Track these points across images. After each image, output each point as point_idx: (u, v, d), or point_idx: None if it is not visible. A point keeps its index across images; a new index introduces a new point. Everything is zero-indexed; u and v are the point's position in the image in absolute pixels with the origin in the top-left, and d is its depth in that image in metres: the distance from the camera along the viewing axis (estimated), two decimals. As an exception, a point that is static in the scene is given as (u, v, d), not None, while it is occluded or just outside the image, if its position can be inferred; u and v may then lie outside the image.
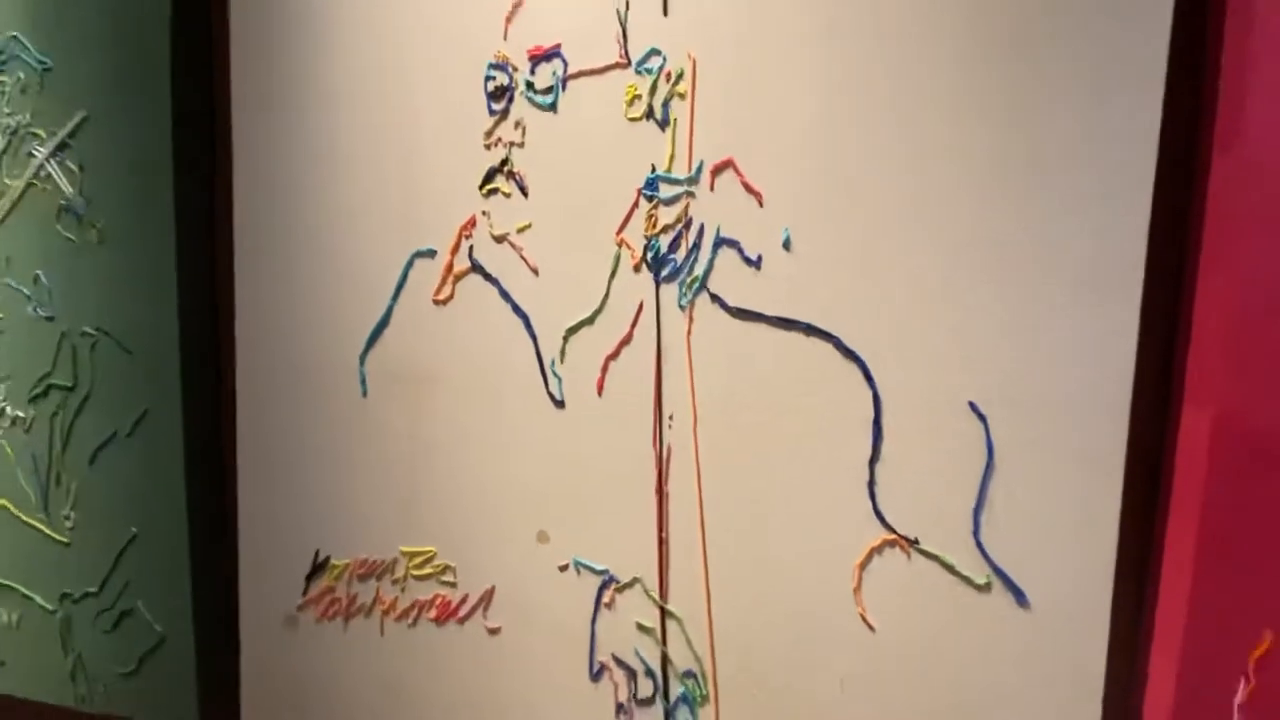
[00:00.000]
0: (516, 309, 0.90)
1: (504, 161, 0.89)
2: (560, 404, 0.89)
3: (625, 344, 0.87)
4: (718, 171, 0.82)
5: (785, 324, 0.82)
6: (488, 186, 0.90)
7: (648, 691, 0.90)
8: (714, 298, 0.84)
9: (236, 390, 1.01)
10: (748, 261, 0.82)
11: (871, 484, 0.81)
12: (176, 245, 1.00)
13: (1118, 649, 0.77)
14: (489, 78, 0.88)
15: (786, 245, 0.81)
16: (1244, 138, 0.70)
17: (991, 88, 0.74)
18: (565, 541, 0.91)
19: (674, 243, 0.84)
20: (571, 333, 0.88)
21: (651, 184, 0.84)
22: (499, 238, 0.90)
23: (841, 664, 0.83)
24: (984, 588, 0.79)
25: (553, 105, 0.86)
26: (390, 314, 0.94)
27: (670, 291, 0.85)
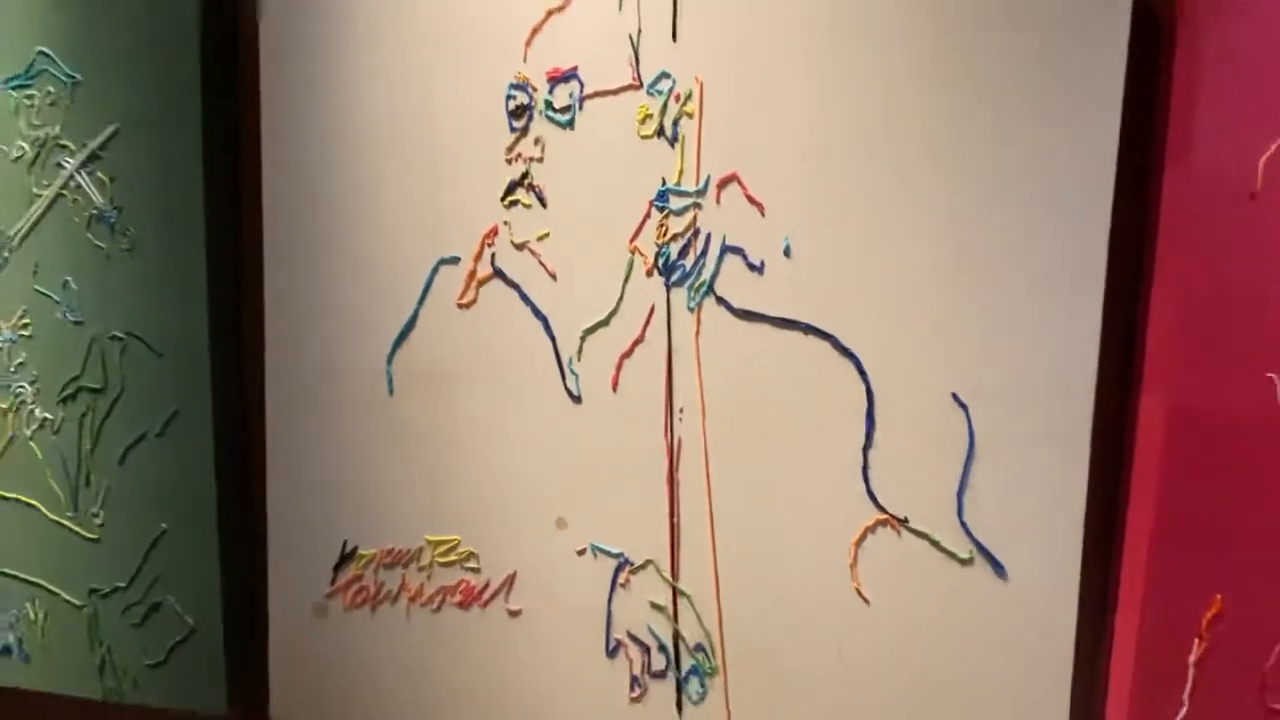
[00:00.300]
0: (536, 312, 0.96)
1: (524, 175, 0.95)
2: (578, 399, 0.95)
3: (638, 344, 0.93)
4: (723, 185, 0.89)
5: (786, 324, 0.89)
6: (509, 198, 0.96)
7: (660, 665, 0.96)
8: (720, 300, 0.91)
9: (266, 390, 1.04)
10: (751, 267, 0.89)
11: (865, 469, 0.88)
12: (206, 252, 1.05)
13: (1086, 614, 0.85)
14: (510, 97, 0.94)
15: (787, 252, 0.88)
16: (1193, 152, 0.78)
17: (970, 109, 0.82)
18: (583, 527, 0.97)
19: (683, 250, 0.91)
20: (588, 333, 0.94)
21: (662, 196, 0.91)
22: (519, 245, 0.96)
23: (839, 634, 0.90)
24: (967, 562, 0.87)
25: (570, 123, 0.93)
26: (416, 317, 1.00)
27: (680, 295, 0.92)
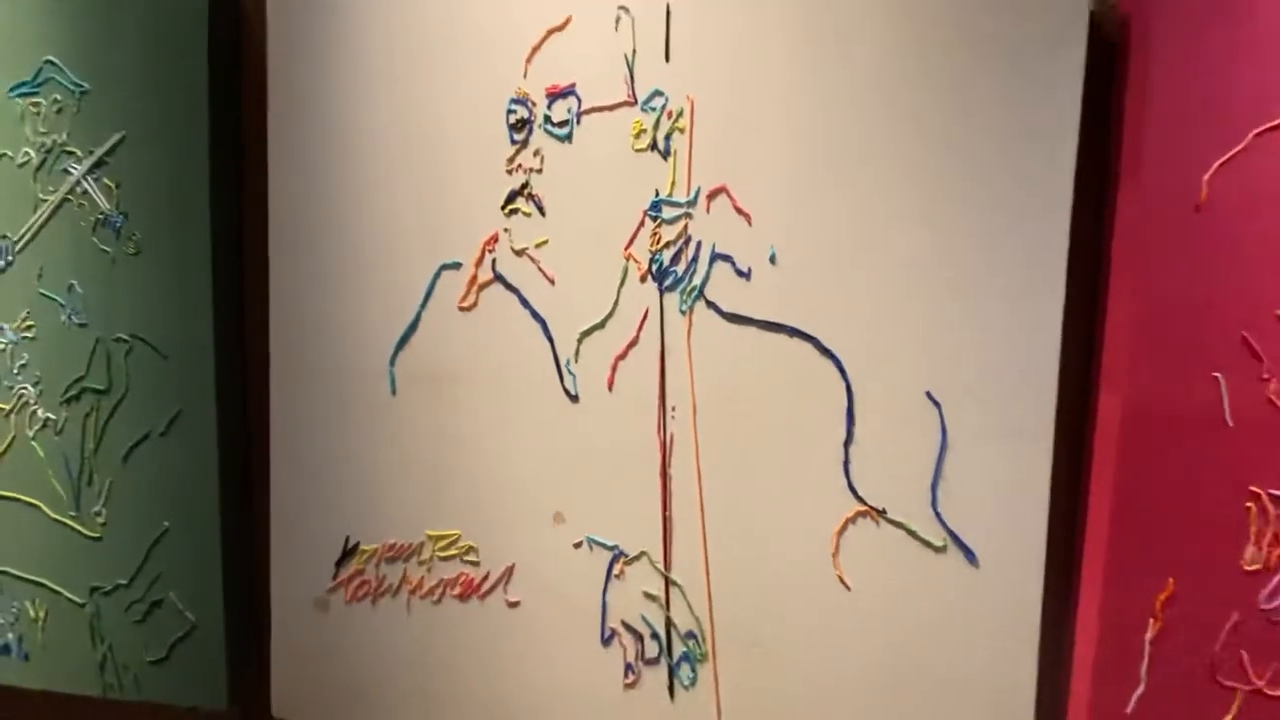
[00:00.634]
0: (535, 315, 1.00)
1: (524, 185, 0.99)
2: (575, 399, 1.00)
3: (632, 345, 0.98)
4: (713, 196, 0.95)
5: (772, 327, 0.94)
6: (509, 207, 1.00)
7: (654, 653, 1.00)
8: (710, 304, 0.96)
9: (271, 389, 1.07)
10: (739, 273, 0.94)
11: (846, 463, 0.93)
12: (211, 256, 1.08)
13: (1050, 597, 0.91)
14: (510, 111, 0.99)
15: (773, 260, 0.94)
16: (1144, 168, 0.84)
17: (941, 128, 0.88)
18: (579, 521, 1.00)
19: (675, 257, 0.96)
20: (585, 336, 0.99)
21: (655, 206, 0.96)
22: (519, 252, 1.00)
23: (822, 619, 0.95)
24: (941, 549, 0.92)
25: (568, 136, 0.98)
26: (419, 320, 1.03)
27: (672, 299, 0.97)
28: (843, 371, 0.92)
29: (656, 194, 0.96)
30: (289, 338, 1.07)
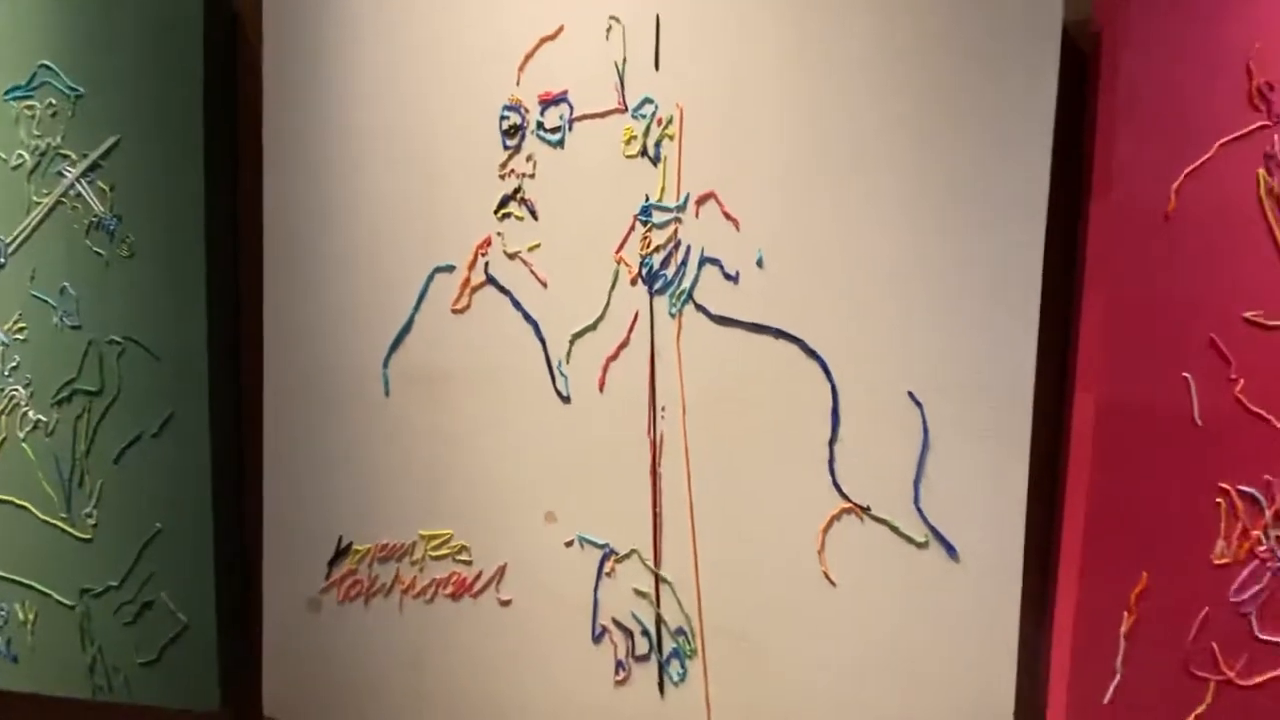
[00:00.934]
0: (527, 317, 1.02)
1: (517, 190, 1.01)
2: (566, 399, 1.02)
3: (623, 347, 1.00)
4: (701, 202, 0.97)
5: (759, 329, 0.96)
6: (502, 211, 1.02)
7: (644, 649, 1.02)
8: (699, 307, 0.98)
9: (265, 392, 1.08)
10: (727, 277, 0.97)
11: (831, 461, 0.96)
12: (205, 259, 1.08)
13: (1028, 590, 0.93)
14: (504, 117, 1.01)
15: (760, 264, 0.96)
16: (1115, 178, 0.87)
17: (924, 138, 0.91)
18: (570, 520, 1.02)
19: (665, 261, 0.98)
20: (576, 337, 1.01)
21: (645, 211, 0.99)
22: (512, 255, 1.02)
23: (809, 614, 0.97)
24: (923, 545, 0.95)
25: (560, 143, 1.00)
26: (412, 322, 1.04)
27: (662, 302, 0.99)
28: (828, 372, 0.95)
29: (646, 199, 0.98)
30: (283, 339, 1.08)
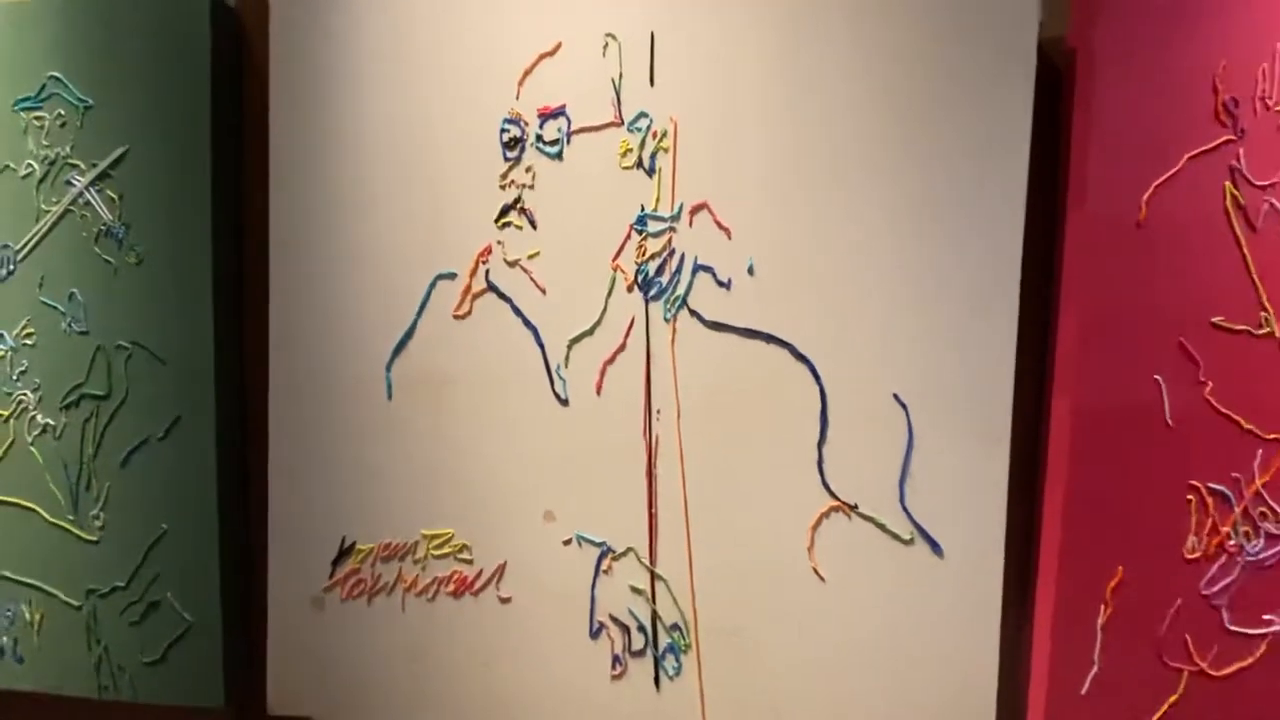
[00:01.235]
0: (527, 323, 1.05)
1: (516, 200, 1.05)
2: (564, 402, 1.05)
3: (620, 351, 1.03)
4: (695, 211, 1.00)
5: (750, 334, 1.00)
6: (502, 220, 1.05)
7: (640, 645, 1.05)
8: (693, 313, 1.01)
9: (270, 396, 1.10)
10: (720, 284, 1.00)
11: (820, 461, 0.99)
12: (212, 265, 1.11)
13: (1009, 585, 0.97)
14: (504, 130, 1.04)
15: (751, 271, 1.00)
16: (1089, 189, 0.91)
17: (907, 153, 0.95)
18: (569, 519, 1.05)
19: (660, 268, 1.02)
20: (574, 342, 1.04)
21: (641, 220, 1.02)
22: (512, 263, 1.05)
23: (799, 609, 1.00)
24: (908, 542, 0.98)
25: (559, 155, 1.03)
26: (415, 327, 1.07)
27: (657, 308, 1.02)
28: (816, 376, 0.98)
29: (642, 209, 1.01)
30: (288, 344, 1.10)
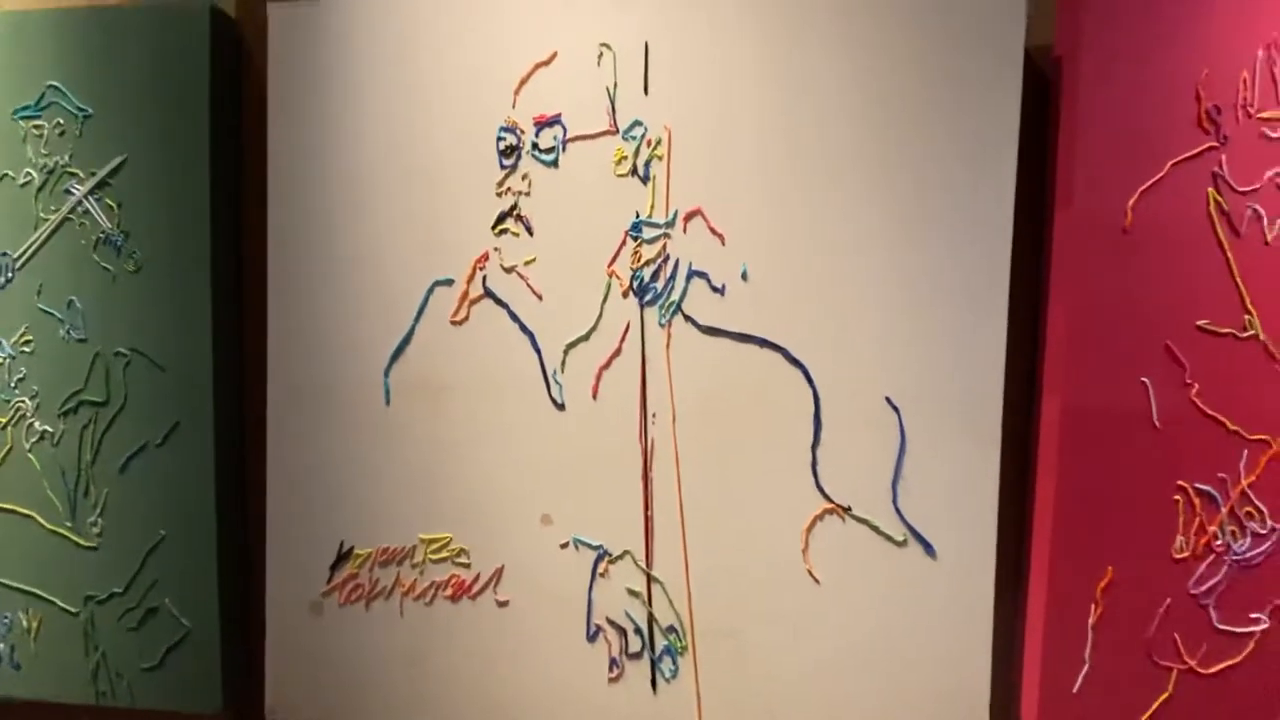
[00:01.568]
0: (523, 328, 1.06)
1: (513, 207, 1.06)
2: (561, 407, 1.06)
3: (615, 356, 1.04)
4: (689, 218, 1.02)
5: (744, 339, 1.01)
6: (499, 227, 1.06)
7: (636, 647, 1.06)
8: (687, 318, 1.02)
9: (268, 402, 1.11)
10: (714, 289, 1.02)
11: (814, 464, 1.00)
12: (211, 272, 1.12)
13: (1001, 585, 0.98)
14: (501, 138, 1.05)
15: (744, 277, 1.01)
16: (1076, 195, 0.92)
17: (897, 160, 0.96)
18: (565, 523, 1.06)
19: (654, 274, 1.03)
20: (570, 347, 1.05)
21: (636, 227, 1.03)
22: (508, 269, 1.06)
23: (794, 610, 1.01)
24: (901, 544, 0.99)
25: (554, 162, 1.04)
26: (412, 333, 1.08)
27: (652, 313, 1.03)
28: (810, 380, 1.00)
29: (637, 216, 1.02)
30: (286, 350, 1.11)
